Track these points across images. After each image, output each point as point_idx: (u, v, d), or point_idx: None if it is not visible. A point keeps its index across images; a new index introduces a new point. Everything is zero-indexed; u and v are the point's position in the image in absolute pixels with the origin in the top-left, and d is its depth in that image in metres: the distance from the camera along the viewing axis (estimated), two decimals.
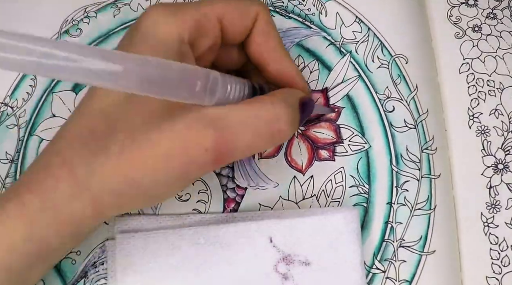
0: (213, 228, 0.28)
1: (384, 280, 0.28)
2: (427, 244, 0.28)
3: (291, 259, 0.27)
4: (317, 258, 0.27)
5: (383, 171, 0.29)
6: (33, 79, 0.32)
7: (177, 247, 0.27)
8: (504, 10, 0.33)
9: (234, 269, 0.27)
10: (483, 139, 0.31)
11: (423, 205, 0.29)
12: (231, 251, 0.27)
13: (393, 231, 0.29)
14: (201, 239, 0.27)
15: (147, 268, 0.27)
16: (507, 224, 0.29)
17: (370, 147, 0.30)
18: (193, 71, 0.19)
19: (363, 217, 0.29)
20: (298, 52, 0.32)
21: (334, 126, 0.30)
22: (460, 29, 0.33)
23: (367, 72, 0.31)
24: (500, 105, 0.31)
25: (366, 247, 0.29)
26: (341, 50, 0.32)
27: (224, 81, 0.21)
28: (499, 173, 0.30)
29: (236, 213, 0.29)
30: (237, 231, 0.27)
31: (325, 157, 0.30)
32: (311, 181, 0.30)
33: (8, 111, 0.31)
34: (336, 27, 0.32)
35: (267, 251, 0.27)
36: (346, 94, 0.31)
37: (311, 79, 0.31)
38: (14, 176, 0.30)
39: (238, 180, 0.30)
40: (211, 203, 0.29)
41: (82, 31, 0.33)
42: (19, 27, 0.33)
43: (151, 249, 0.27)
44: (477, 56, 0.32)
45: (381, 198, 0.29)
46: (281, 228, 0.27)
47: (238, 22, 0.24)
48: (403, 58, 0.32)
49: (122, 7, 0.33)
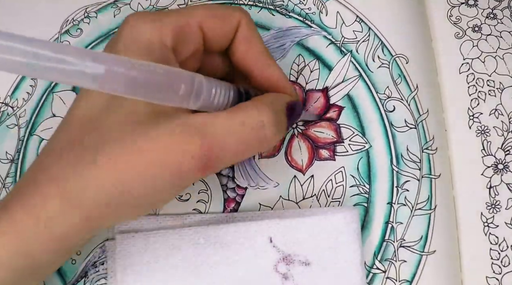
0: (213, 228, 0.27)
1: (385, 280, 0.28)
2: (428, 244, 0.28)
3: (291, 259, 0.27)
4: (317, 258, 0.27)
5: (384, 171, 0.29)
6: (34, 79, 0.32)
7: (177, 247, 0.27)
8: (504, 10, 0.33)
9: (234, 269, 0.27)
10: (483, 139, 0.31)
11: (424, 205, 0.29)
12: (231, 251, 0.27)
13: (394, 231, 0.29)
14: (201, 239, 0.27)
15: (147, 268, 0.27)
16: (507, 224, 0.29)
17: (371, 147, 0.30)
18: (178, 74, 0.19)
19: (364, 217, 0.29)
20: (298, 51, 0.32)
21: (334, 126, 0.30)
22: (460, 29, 0.33)
23: (368, 71, 0.31)
24: (500, 105, 0.31)
25: (366, 247, 0.28)
26: (342, 50, 0.32)
27: (209, 84, 0.21)
28: (499, 173, 0.30)
29: (236, 213, 0.29)
30: (237, 231, 0.27)
31: (325, 156, 0.30)
32: (312, 180, 0.30)
33: (8, 111, 0.31)
34: (337, 27, 0.32)
35: (267, 251, 0.27)
36: (346, 94, 0.31)
37: (311, 78, 0.31)
38: (14, 176, 0.30)
39: (238, 180, 0.30)
40: (211, 203, 0.29)
41: (83, 31, 0.33)
42: (20, 27, 0.33)
43: (151, 249, 0.27)
44: (477, 56, 0.32)
45: (382, 198, 0.29)
46: (281, 228, 0.27)
47: (220, 29, 0.24)
48: (404, 58, 0.32)
49: (123, 7, 0.33)
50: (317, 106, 0.31)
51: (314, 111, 0.31)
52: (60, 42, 0.33)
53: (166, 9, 0.33)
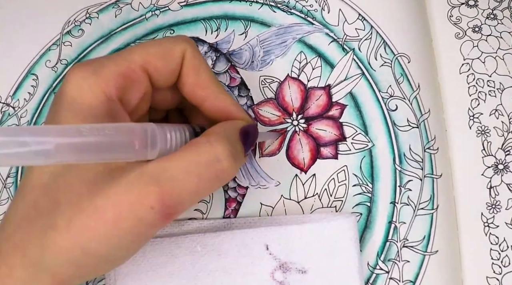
0: (210, 235, 0.27)
1: (388, 280, 0.28)
2: (430, 244, 0.28)
3: (287, 267, 0.27)
4: (313, 266, 0.26)
5: (387, 170, 0.29)
6: (35, 80, 0.31)
7: (174, 255, 0.27)
8: (504, 11, 0.33)
9: (231, 277, 0.27)
10: (483, 139, 0.31)
11: (426, 205, 0.29)
12: (228, 259, 0.27)
13: (397, 231, 0.28)
14: (198, 247, 0.27)
15: (145, 276, 0.27)
16: (507, 224, 0.29)
17: (374, 145, 0.30)
18: (129, 130, 0.19)
19: (367, 217, 0.29)
20: (300, 49, 0.31)
21: (337, 124, 0.30)
22: (460, 29, 0.33)
23: (370, 70, 0.31)
24: (500, 105, 0.31)
25: (369, 247, 0.28)
26: (344, 47, 0.31)
27: (163, 131, 0.21)
28: (499, 173, 0.30)
29: (234, 219, 0.28)
30: (233, 239, 0.27)
31: (327, 155, 0.29)
32: (313, 179, 0.29)
33: (9, 111, 0.31)
34: (339, 24, 0.32)
35: (263, 259, 0.27)
36: (349, 92, 0.30)
37: (313, 75, 0.31)
38: (15, 176, 0.30)
39: (239, 179, 0.29)
40: (213, 203, 0.28)
41: (84, 32, 0.32)
42: (22, 29, 0.32)
43: (149, 257, 0.27)
44: (477, 57, 0.32)
45: (385, 198, 0.29)
46: (277, 235, 0.27)
47: (165, 68, 0.23)
48: (406, 57, 0.31)
49: (124, 7, 0.33)
50: (319, 103, 0.30)
51: (317, 109, 0.30)
52: (62, 43, 0.32)
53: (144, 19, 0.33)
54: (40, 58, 0.32)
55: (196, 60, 0.24)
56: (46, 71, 0.32)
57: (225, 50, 0.31)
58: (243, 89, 0.31)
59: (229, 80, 0.31)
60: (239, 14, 0.32)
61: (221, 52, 0.31)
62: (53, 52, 0.32)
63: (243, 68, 0.31)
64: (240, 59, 0.31)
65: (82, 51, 0.32)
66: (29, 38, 0.32)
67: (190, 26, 0.32)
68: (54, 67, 0.32)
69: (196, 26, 0.32)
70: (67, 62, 0.32)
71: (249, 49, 0.31)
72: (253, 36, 0.32)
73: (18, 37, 0.32)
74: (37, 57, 0.32)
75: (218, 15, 0.32)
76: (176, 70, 0.24)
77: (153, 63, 0.23)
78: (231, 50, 0.31)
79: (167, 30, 0.32)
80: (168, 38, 0.24)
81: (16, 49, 0.32)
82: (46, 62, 0.32)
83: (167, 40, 0.23)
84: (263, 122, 0.30)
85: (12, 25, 0.32)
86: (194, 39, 0.32)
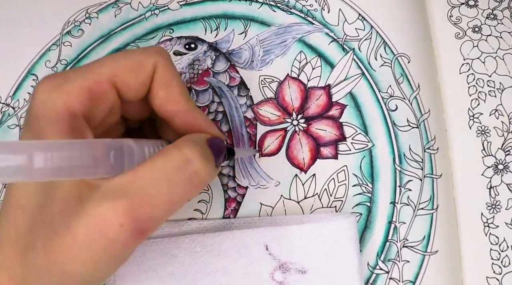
0: (210, 236, 0.27)
1: (388, 280, 0.28)
2: (430, 244, 0.28)
3: (287, 267, 0.27)
4: (313, 266, 0.26)
5: (387, 170, 0.29)
6: (35, 80, 0.31)
7: (174, 255, 0.27)
8: (504, 11, 0.33)
9: (230, 277, 0.27)
10: (483, 139, 0.31)
11: (426, 205, 0.29)
12: (227, 259, 0.27)
13: (397, 231, 0.28)
14: (197, 247, 0.27)
15: (145, 276, 0.27)
16: (507, 224, 0.29)
17: (374, 145, 0.30)
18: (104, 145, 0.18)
19: (367, 217, 0.28)
20: (300, 48, 0.31)
21: (337, 124, 0.30)
22: (460, 29, 0.33)
23: (370, 70, 0.31)
24: (500, 105, 0.31)
25: (369, 247, 0.28)
26: (344, 47, 0.31)
27: (140, 146, 0.20)
28: (499, 173, 0.30)
29: (234, 219, 0.28)
30: (233, 239, 0.27)
31: (327, 155, 0.29)
32: (313, 179, 0.29)
33: (9, 111, 0.31)
34: (339, 24, 0.32)
35: (263, 259, 0.27)
36: (349, 92, 0.30)
37: (313, 75, 0.31)
38: None
39: (239, 179, 0.29)
40: (212, 203, 0.28)
41: (84, 32, 0.32)
42: (22, 29, 0.32)
43: (148, 258, 0.27)
44: (477, 57, 0.32)
45: (385, 198, 0.29)
46: (277, 235, 0.27)
47: (133, 81, 0.22)
48: (406, 57, 0.31)
49: (123, 6, 0.33)
50: (319, 103, 0.30)
51: (317, 109, 0.30)
52: (62, 43, 0.32)
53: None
54: (40, 58, 0.32)
55: (167, 73, 0.23)
56: (46, 71, 0.31)
57: (224, 49, 0.31)
58: (243, 88, 0.31)
59: (228, 80, 0.31)
60: (239, 14, 0.32)
61: (221, 51, 0.31)
62: (53, 52, 0.32)
63: (243, 68, 0.31)
64: (240, 58, 0.31)
65: (82, 51, 0.32)
66: (29, 38, 0.32)
67: (190, 26, 0.32)
68: (54, 67, 0.32)
69: (195, 25, 0.32)
70: (67, 62, 0.32)
71: (248, 48, 0.31)
72: (253, 35, 0.32)
73: (18, 37, 0.32)
74: (37, 57, 0.32)
75: (217, 14, 0.32)
76: (146, 83, 0.22)
77: (121, 76, 0.21)
78: (230, 49, 0.31)
79: (166, 30, 0.32)
80: (140, 49, 0.23)
81: (16, 49, 0.32)
82: (46, 62, 0.32)
83: (139, 51, 0.22)
84: (263, 121, 0.30)
85: (12, 25, 0.32)
86: (194, 38, 0.32)
